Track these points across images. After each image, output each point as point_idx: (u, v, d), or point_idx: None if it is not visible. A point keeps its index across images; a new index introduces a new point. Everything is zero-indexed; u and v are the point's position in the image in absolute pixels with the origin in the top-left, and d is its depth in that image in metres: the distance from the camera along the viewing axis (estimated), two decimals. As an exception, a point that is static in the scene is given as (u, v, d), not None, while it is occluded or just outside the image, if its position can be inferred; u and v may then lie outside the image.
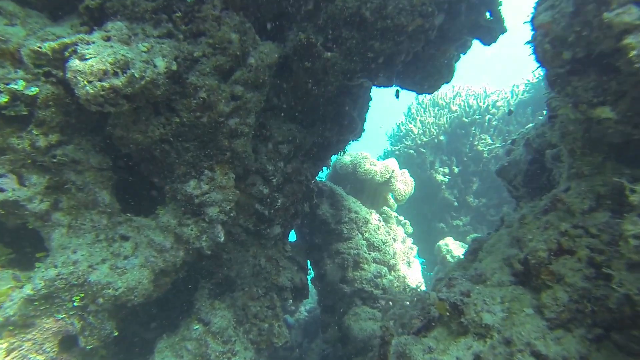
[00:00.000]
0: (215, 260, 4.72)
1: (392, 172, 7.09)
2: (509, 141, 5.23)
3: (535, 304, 2.05)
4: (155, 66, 2.81)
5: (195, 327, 4.26)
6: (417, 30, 3.72)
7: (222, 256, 4.72)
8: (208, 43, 3.29)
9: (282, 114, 4.56)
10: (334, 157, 6.63)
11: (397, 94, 5.00)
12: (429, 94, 5.10)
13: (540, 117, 5.36)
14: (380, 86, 4.65)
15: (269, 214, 4.67)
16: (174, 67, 2.99)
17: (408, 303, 4.25)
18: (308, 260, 6.59)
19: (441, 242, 8.49)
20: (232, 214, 3.82)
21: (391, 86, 4.26)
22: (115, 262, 3.24)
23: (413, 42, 3.73)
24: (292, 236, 6.54)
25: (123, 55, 2.73)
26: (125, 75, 2.60)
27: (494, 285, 2.32)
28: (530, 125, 5.00)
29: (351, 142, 5.50)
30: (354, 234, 6.29)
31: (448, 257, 8.19)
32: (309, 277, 6.39)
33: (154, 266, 3.55)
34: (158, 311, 4.48)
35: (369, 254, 6.31)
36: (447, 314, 2.47)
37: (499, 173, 4.83)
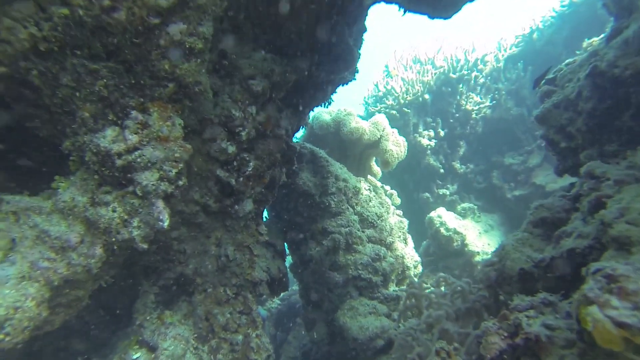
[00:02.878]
0: (162, 253, 3.28)
1: (383, 130, 5.81)
2: (543, 82, 4.06)
3: None
4: None
5: (134, 357, 2.83)
6: None
7: (172, 247, 3.28)
8: None
9: (252, 38, 3.10)
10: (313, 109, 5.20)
11: (404, 12, 3.70)
12: (444, 18, 3.80)
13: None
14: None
15: (237, 184, 3.26)
16: None
17: (444, 301, 3.05)
18: (285, 243, 5.27)
19: (433, 214, 7.40)
20: (180, 183, 2.38)
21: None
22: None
23: None
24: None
25: None
26: None
27: None
28: (582, 54, 3.81)
29: (341, 84, 4.13)
30: (343, 207, 5.00)
31: (442, 230, 7.13)
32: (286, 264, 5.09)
33: (50, 276, 2.08)
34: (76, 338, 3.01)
35: (363, 231, 5.06)
36: (627, 351, 1.23)
37: (541, 119, 3.66)
